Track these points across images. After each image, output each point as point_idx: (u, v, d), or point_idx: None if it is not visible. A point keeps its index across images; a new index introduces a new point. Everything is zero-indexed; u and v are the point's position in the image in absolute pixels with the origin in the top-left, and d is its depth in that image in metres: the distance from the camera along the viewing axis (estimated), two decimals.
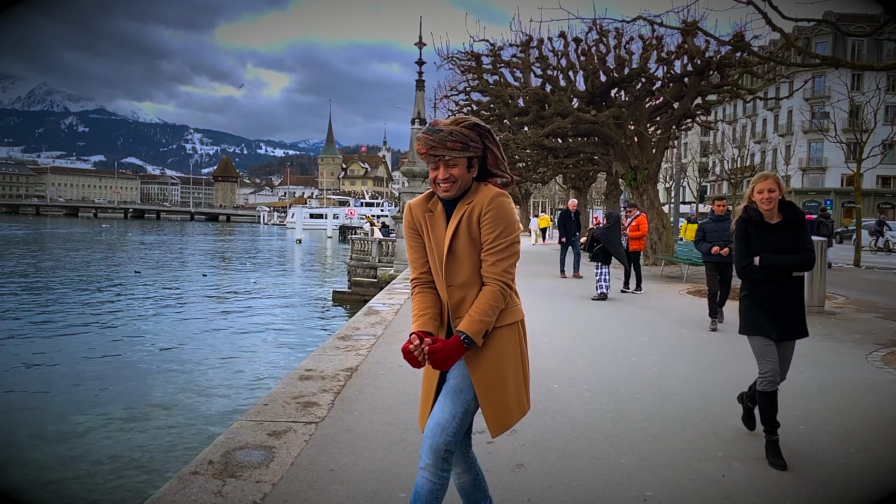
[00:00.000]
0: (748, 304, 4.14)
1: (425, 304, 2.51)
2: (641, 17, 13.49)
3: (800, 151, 56.64)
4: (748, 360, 6.78)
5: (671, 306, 11.10)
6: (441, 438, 2.36)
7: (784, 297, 4.03)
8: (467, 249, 2.39)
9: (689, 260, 15.10)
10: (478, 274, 2.40)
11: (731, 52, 16.83)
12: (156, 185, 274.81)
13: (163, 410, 8.38)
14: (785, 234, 4.04)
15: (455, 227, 2.38)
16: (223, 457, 3.88)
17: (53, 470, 6.46)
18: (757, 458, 3.99)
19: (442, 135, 2.34)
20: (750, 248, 4.09)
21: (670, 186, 48.90)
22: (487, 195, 2.38)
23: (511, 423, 2.47)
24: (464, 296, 2.41)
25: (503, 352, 2.44)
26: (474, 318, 2.33)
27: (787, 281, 4.04)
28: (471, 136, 2.36)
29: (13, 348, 12.06)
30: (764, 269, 4.01)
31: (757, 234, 4.09)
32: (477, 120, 2.41)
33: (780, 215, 4.09)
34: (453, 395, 2.41)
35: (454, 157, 2.35)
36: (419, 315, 2.49)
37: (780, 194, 4.05)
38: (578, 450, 4.13)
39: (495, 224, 2.35)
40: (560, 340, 7.84)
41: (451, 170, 2.37)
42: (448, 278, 2.40)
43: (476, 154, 2.40)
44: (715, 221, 8.77)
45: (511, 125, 22.93)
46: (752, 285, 4.12)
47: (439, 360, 2.30)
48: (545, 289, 13.50)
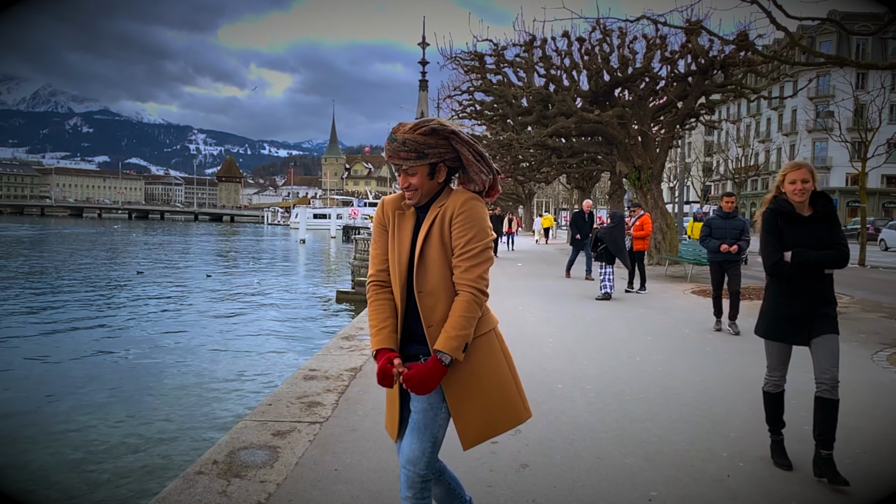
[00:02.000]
0: (772, 304, 3.85)
1: (384, 314, 2.40)
2: (645, 17, 13.47)
3: (804, 151, 56.49)
4: (753, 360, 6.77)
5: (675, 306, 11.08)
6: (414, 473, 2.33)
7: (813, 296, 3.70)
8: (438, 254, 2.29)
9: (693, 259, 15.07)
10: (449, 280, 2.29)
11: (735, 52, 16.78)
12: (160, 186, 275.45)
13: (167, 410, 8.40)
14: (818, 227, 3.72)
15: (427, 231, 2.29)
16: (227, 457, 3.88)
17: (59, 470, 6.47)
18: (762, 458, 3.98)
19: (395, 144, 2.26)
20: (781, 242, 3.75)
21: (674, 186, 48.82)
22: (460, 198, 2.30)
23: (486, 436, 2.40)
24: (434, 303, 2.29)
25: (478, 364, 2.35)
26: (451, 334, 2.22)
27: (816, 278, 3.71)
28: (428, 142, 2.24)
29: (16, 350, 12.10)
30: (795, 265, 3.69)
31: (788, 227, 3.76)
32: (438, 123, 2.28)
33: (811, 208, 3.78)
34: (419, 433, 2.33)
35: (410, 166, 2.28)
36: (379, 329, 2.37)
37: (814, 185, 3.75)
38: (583, 450, 4.12)
39: (467, 228, 2.26)
40: (564, 341, 7.83)
41: (410, 178, 2.30)
42: (418, 284, 2.29)
43: (440, 159, 2.28)
44: (723, 218, 8.32)
45: (514, 125, 22.90)
46: (779, 283, 3.81)
47: (416, 385, 2.22)
48: (549, 289, 13.49)
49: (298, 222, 68.57)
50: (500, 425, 2.43)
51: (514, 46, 20.98)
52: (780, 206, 3.79)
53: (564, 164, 27.86)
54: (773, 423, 3.96)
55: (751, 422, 4.70)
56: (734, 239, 8.13)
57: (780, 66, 18.98)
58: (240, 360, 11.67)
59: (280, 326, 15.69)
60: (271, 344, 13.46)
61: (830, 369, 3.59)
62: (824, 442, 3.60)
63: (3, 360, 11.02)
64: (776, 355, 3.89)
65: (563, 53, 19.82)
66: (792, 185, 3.73)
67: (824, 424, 3.60)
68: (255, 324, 15.79)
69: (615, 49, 18.59)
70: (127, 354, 11.80)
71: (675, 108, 19.25)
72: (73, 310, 16.93)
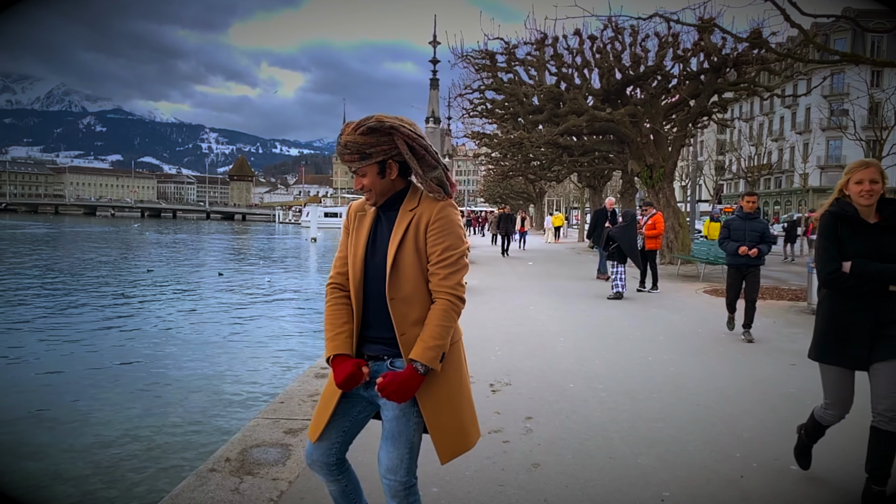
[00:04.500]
0: (827, 323, 3.40)
1: (341, 319, 2.38)
2: (658, 15, 13.40)
3: (818, 149, 56.06)
4: (766, 360, 6.74)
5: (687, 305, 11.03)
6: (395, 481, 2.31)
7: (876, 315, 3.26)
8: (413, 260, 2.24)
9: (705, 259, 14.99)
10: (423, 287, 2.26)
11: (749, 49, 16.67)
12: (172, 185, 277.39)
13: (179, 408, 8.45)
14: (884, 237, 3.27)
15: (401, 238, 2.25)
16: (240, 454, 3.90)
17: (74, 466, 6.53)
18: (775, 459, 3.95)
19: (339, 147, 2.24)
20: (840, 251, 3.32)
21: (686, 185, 48.57)
22: (435, 206, 2.26)
23: (464, 448, 2.36)
24: (407, 310, 2.25)
25: (451, 376, 2.33)
26: (428, 344, 2.19)
27: (880, 294, 3.26)
28: (368, 142, 2.20)
29: (32, 347, 12.22)
30: (856, 277, 3.26)
31: (850, 234, 3.32)
32: (376, 121, 2.21)
33: (878, 215, 3.32)
34: (395, 440, 2.30)
35: (357, 167, 2.26)
36: (336, 333, 2.36)
37: (883, 187, 3.31)
38: (595, 449, 4.11)
39: (444, 235, 2.23)
40: (575, 340, 7.81)
41: (361, 179, 2.28)
42: (391, 291, 2.24)
43: (386, 157, 2.24)
44: (743, 219, 7.76)
45: (525, 123, 22.85)
46: (836, 298, 3.38)
47: (392, 393, 2.18)
48: (560, 288, 13.46)
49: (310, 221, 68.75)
50: (472, 438, 2.41)
51: (525, 45, 20.94)
52: (843, 209, 3.34)
53: (576, 162, 27.79)
54: (811, 438, 3.71)
55: (764, 422, 4.68)
56: (754, 241, 7.59)
57: (794, 63, 18.84)
58: (251, 358, 11.72)
59: (290, 324, 15.74)
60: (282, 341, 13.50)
61: (890, 396, 3.16)
62: (878, 478, 3.22)
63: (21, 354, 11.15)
64: (833, 384, 3.42)
65: (575, 52, 19.75)
66: (858, 185, 3.28)
67: (879, 458, 3.20)
68: (266, 322, 15.86)
69: (627, 47, 18.50)
70: (140, 350, 11.89)
71: (687, 106, 19.14)
72: (89, 307, 17.07)
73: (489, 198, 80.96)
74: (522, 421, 4.67)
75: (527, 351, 7.05)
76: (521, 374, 6.00)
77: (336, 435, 2.41)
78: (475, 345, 7.42)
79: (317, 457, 2.41)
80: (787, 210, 57.19)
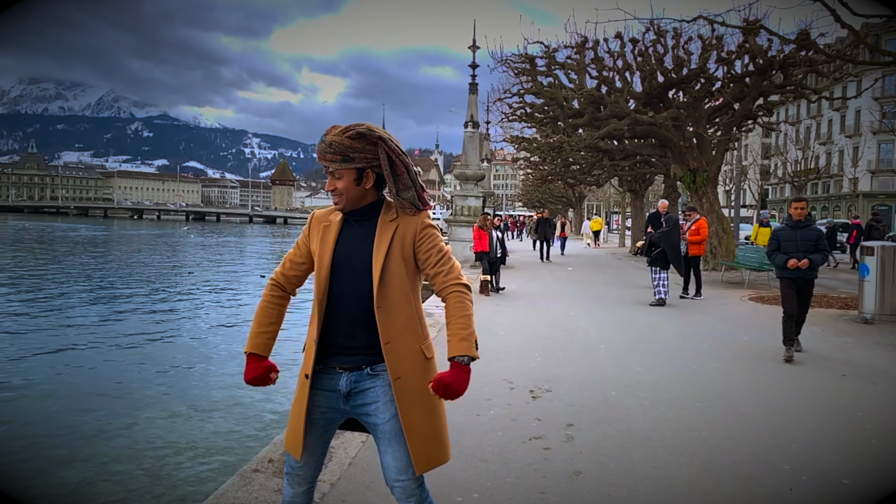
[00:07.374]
0: None
1: (269, 319, 2.43)
2: (702, 17, 13.19)
3: (868, 153, 54.32)
4: (814, 371, 6.55)
5: (732, 313, 10.80)
6: (409, 480, 2.30)
7: None
8: (399, 269, 2.28)
9: (751, 265, 14.66)
10: (407, 295, 2.30)
11: (796, 51, 16.28)
12: (216, 189, 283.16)
13: (223, 407, 8.61)
14: None
15: (388, 249, 2.28)
16: (283, 455, 3.95)
17: (119, 462, 6.70)
18: (825, 472, 3.84)
19: (323, 145, 2.26)
20: None
21: (730, 189, 47.58)
22: (417, 220, 2.32)
23: (441, 460, 2.35)
24: (393, 319, 2.27)
25: (427, 391, 2.30)
26: (460, 336, 2.23)
27: None
28: (355, 146, 2.22)
29: (78, 349, 12.58)
30: None
31: None
32: (367, 128, 2.24)
33: None
34: (398, 440, 2.29)
35: (336, 168, 2.26)
36: (260, 332, 2.41)
37: None
38: (637, 458, 4.06)
39: (434, 240, 2.33)
40: (617, 347, 7.71)
41: (336, 182, 2.29)
42: (379, 299, 2.26)
43: (367, 165, 2.27)
44: (792, 228, 7.16)
45: (565, 127, 22.69)
46: None
47: (446, 393, 2.21)
48: (601, 294, 13.32)
49: None
50: (448, 452, 2.40)
51: (565, 48, 20.82)
52: None
53: (616, 166, 27.47)
54: None
55: (813, 434, 4.55)
56: (806, 252, 7.02)
57: (844, 65, 18.32)
58: (293, 359, 11.88)
59: None
60: None
61: None
62: None
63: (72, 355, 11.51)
64: None
65: (616, 55, 19.55)
66: None
67: None
68: (305, 324, 16.08)
69: (669, 50, 18.25)
70: (185, 351, 12.15)
71: (731, 109, 18.78)
72: (134, 306, 17.53)
73: (528, 202, 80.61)
74: (563, 428, 4.63)
75: (567, 357, 6.99)
76: (562, 381, 5.95)
77: (321, 449, 2.44)
78: (514, 350, 7.40)
79: (304, 473, 2.43)
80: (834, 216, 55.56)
